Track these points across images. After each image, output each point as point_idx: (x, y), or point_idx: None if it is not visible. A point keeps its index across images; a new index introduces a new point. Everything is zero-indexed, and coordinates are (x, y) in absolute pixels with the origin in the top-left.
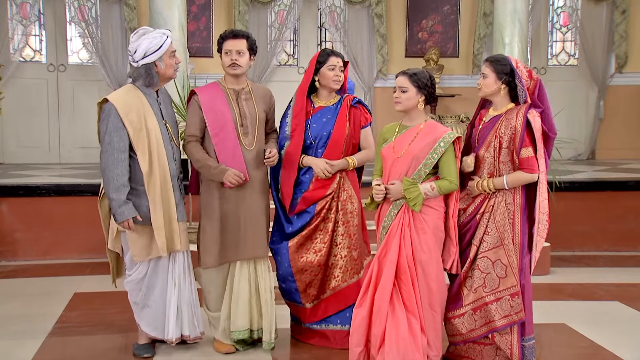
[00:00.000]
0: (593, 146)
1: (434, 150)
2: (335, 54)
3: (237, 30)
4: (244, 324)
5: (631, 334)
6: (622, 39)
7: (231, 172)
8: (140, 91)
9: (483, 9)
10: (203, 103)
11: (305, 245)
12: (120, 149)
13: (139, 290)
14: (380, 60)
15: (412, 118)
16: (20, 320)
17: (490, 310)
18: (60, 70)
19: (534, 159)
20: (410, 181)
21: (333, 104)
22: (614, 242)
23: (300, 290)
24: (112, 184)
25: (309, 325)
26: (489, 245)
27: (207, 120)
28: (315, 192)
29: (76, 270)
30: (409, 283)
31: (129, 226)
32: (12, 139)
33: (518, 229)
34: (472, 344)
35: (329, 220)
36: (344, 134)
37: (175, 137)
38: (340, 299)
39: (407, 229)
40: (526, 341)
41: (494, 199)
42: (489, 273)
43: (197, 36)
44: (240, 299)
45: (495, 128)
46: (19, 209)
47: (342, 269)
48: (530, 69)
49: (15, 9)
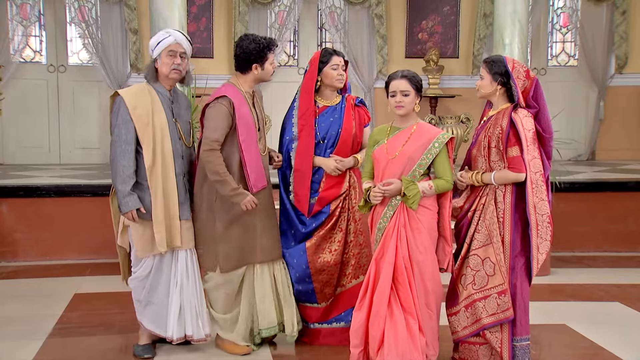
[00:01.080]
0: (593, 147)
1: (429, 151)
2: (337, 53)
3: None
4: (273, 320)
5: (631, 335)
6: (622, 40)
7: (250, 199)
8: (152, 88)
9: (483, 9)
10: (238, 109)
11: (322, 245)
12: (127, 141)
13: (143, 288)
14: (381, 60)
15: (405, 120)
16: (20, 321)
17: (478, 308)
18: (60, 71)
19: (520, 158)
20: (409, 180)
21: (337, 104)
22: (614, 243)
23: (317, 291)
24: (118, 175)
25: (318, 324)
26: (479, 243)
27: (239, 126)
28: (329, 191)
29: (76, 271)
30: (406, 284)
31: (133, 218)
32: (12, 139)
33: (508, 227)
34: (469, 345)
35: (343, 219)
36: (352, 133)
37: (185, 136)
38: (351, 296)
39: (403, 230)
40: (518, 341)
41: (484, 197)
42: (479, 271)
43: (197, 37)
44: (267, 298)
45: (486, 128)
46: (19, 210)
47: (354, 267)
48: (527, 69)
49: (15, 9)
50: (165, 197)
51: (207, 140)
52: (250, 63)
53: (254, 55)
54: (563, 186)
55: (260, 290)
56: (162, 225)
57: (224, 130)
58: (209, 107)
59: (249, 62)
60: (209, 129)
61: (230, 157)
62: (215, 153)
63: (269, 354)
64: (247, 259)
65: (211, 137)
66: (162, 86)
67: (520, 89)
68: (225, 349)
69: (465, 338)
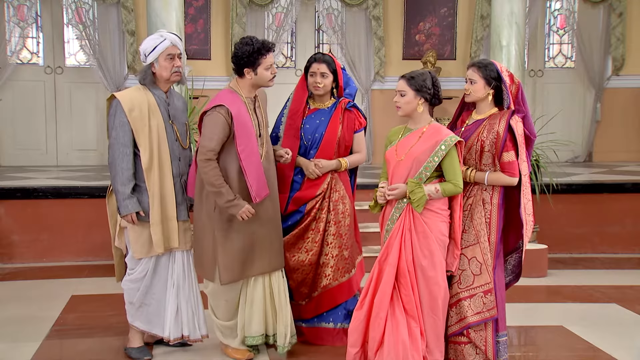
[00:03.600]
0: (590, 148)
1: (435, 154)
2: (318, 60)
3: (272, 43)
4: (258, 329)
5: (629, 336)
6: (618, 42)
7: (246, 209)
8: (148, 90)
9: (480, 11)
10: (236, 118)
11: (297, 244)
12: (125, 143)
13: (137, 290)
14: (378, 62)
15: (415, 121)
16: (17, 323)
17: (463, 307)
18: (57, 73)
19: (516, 163)
20: (415, 182)
21: (328, 107)
22: (611, 245)
23: (293, 288)
24: (118, 177)
25: (303, 322)
26: (466, 243)
27: (238, 136)
28: (305, 192)
29: (73, 273)
30: (409, 287)
31: (132, 220)
32: (9, 141)
33: (494, 228)
34: (454, 345)
35: (321, 220)
36: (336, 136)
37: (181, 138)
38: (331, 297)
39: (408, 233)
40: (500, 337)
41: (472, 198)
42: (465, 270)
43: (194, 38)
44: (255, 305)
45: (477, 132)
46: (16, 212)
47: (334, 268)
48: (511, 73)
49: (12, 11)
50: (163, 199)
51: (203, 149)
52: (242, 67)
53: (244, 60)
54: (560, 188)
55: (250, 296)
56: (160, 226)
57: (221, 139)
58: (207, 115)
59: (242, 67)
60: (205, 138)
61: (228, 166)
62: (211, 163)
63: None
64: (246, 271)
65: (207, 147)
66: (159, 88)
67: (512, 94)
68: (228, 353)
69: (450, 337)
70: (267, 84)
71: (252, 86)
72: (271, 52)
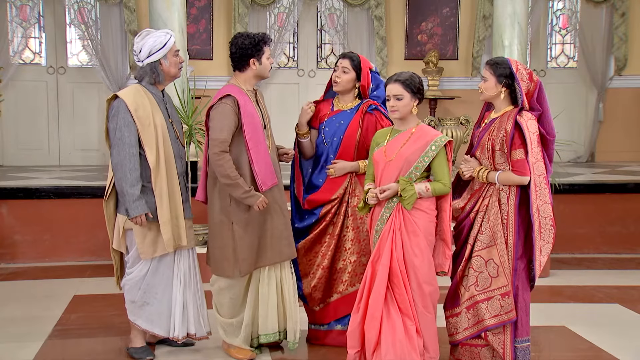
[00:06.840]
0: (592, 149)
1: (425, 154)
2: (343, 56)
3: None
4: (275, 327)
5: (631, 337)
6: (621, 42)
7: (262, 199)
8: (147, 90)
9: (482, 11)
10: (243, 107)
11: (314, 248)
12: (131, 143)
13: (138, 289)
14: (380, 62)
15: (404, 122)
16: (19, 322)
17: (480, 309)
18: (60, 73)
19: (525, 161)
20: (406, 180)
21: (350, 109)
22: (613, 245)
23: (306, 294)
24: (126, 178)
25: (320, 326)
26: (483, 245)
27: (245, 124)
28: (320, 195)
29: (76, 273)
30: (402, 286)
31: (141, 222)
32: (12, 141)
33: (512, 229)
34: (469, 347)
35: (337, 225)
36: (355, 140)
37: (180, 136)
38: (349, 302)
39: (399, 232)
40: (519, 343)
41: (488, 198)
42: (482, 272)
43: (196, 38)
44: (270, 303)
45: (490, 131)
46: (18, 212)
47: (351, 274)
48: (531, 71)
49: (15, 11)
50: (171, 198)
51: (214, 142)
52: (248, 58)
53: (251, 50)
54: (562, 188)
55: (264, 295)
56: (169, 225)
57: (231, 129)
58: (213, 109)
59: (247, 58)
60: (215, 130)
61: (239, 158)
62: (225, 156)
63: (269, 354)
64: (259, 261)
65: (219, 138)
66: (155, 87)
67: (524, 92)
68: (230, 353)
69: (465, 340)
70: (268, 74)
71: (254, 77)
72: (270, 43)
